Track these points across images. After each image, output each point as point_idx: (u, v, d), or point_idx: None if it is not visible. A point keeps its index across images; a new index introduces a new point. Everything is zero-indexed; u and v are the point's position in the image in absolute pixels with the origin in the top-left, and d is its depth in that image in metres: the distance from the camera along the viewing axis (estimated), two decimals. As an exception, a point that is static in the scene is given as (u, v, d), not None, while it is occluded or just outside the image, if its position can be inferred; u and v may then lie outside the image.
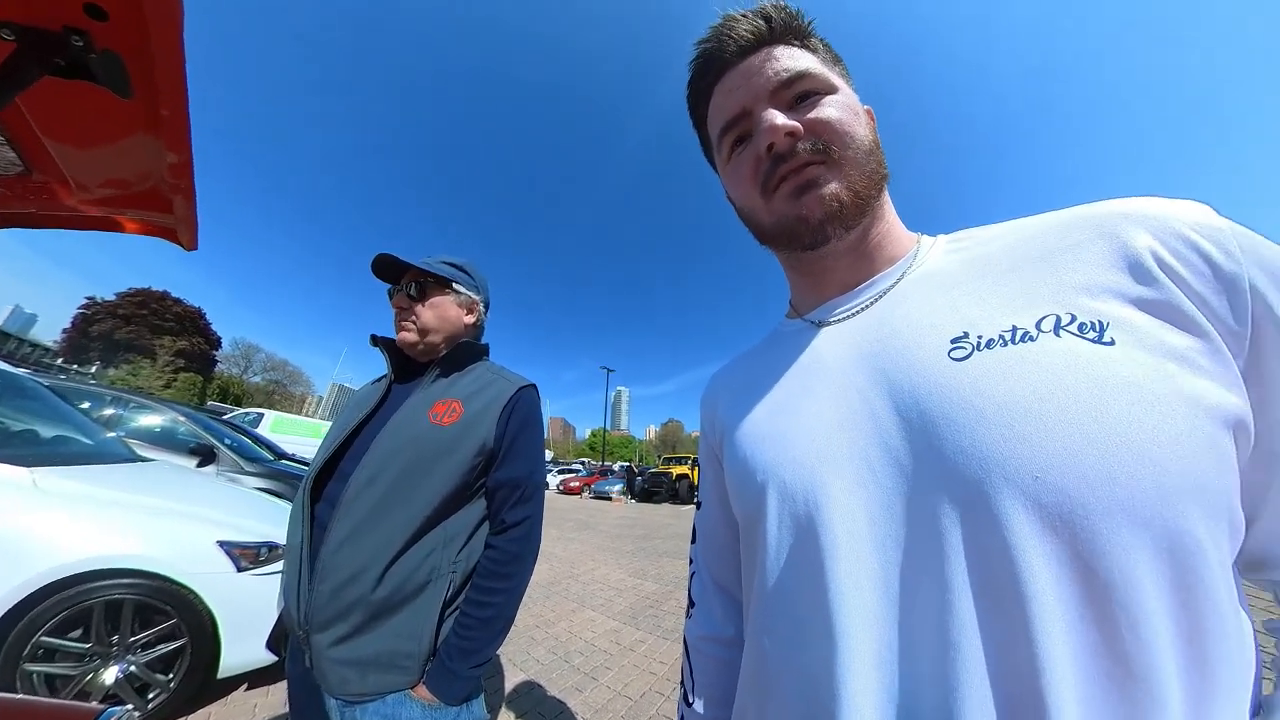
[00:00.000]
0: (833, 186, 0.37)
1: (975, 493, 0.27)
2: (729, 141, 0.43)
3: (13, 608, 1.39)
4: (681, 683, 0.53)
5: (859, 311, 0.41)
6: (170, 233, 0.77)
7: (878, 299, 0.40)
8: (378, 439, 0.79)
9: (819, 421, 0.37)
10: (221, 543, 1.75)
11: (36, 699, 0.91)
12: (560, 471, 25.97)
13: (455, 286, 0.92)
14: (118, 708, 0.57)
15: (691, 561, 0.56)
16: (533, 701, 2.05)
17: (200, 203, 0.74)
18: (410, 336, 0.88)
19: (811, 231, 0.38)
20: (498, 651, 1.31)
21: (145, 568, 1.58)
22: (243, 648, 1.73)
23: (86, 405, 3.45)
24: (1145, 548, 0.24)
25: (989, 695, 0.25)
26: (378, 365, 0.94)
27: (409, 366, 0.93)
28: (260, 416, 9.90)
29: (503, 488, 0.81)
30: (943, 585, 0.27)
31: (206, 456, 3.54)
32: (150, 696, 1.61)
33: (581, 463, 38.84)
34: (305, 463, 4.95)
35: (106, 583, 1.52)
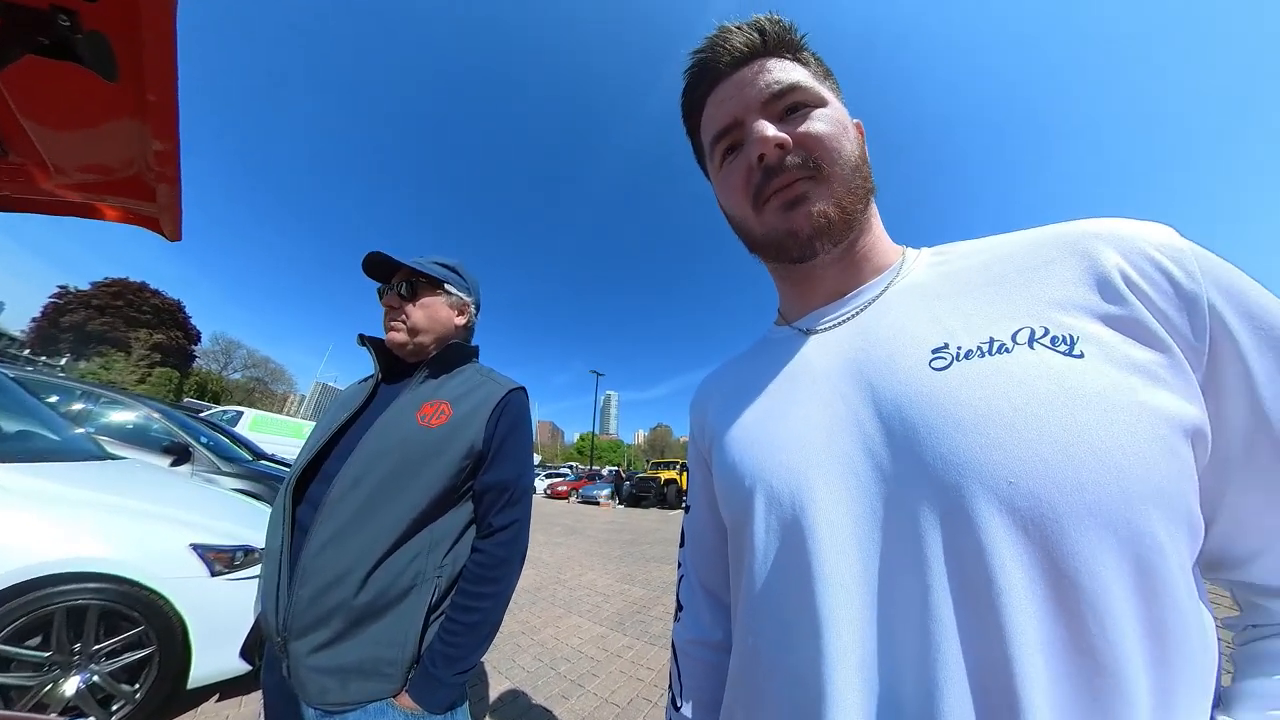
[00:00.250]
0: (821, 203, 0.38)
1: (953, 497, 0.28)
2: (721, 150, 0.44)
3: (-34, 613, 1.31)
4: (669, 687, 0.53)
5: (846, 320, 0.42)
6: (153, 222, 0.75)
7: (864, 309, 0.42)
8: (364, 440, 0.78)
9: (806, 428, 0.38)
10: (194, 546, 1.68)
11: None
12: (548, 475, 25.69)
13: (447, 287, 0.91)
14: None
15: (680, 565, 0.56)
16: (518, 710, 2.02)
17: (185, 192, 0.72)
18: (400, 336, 0.87)
19: (800, 246, 0.40)
20: (482, 659, 1.29)
21: (112, 571, 1.50)
22: (215, 656, 1.67)
23: (54, 399, 3.32)
24: (1111, 550, 0.25)
25: (966, 691, 0.26)
26: (364, 364, 0.93)
27: (397, 367, 0.92)
28: (239, 415, 9.63)
29: (490, 491, 0.80)
30: (923, 586, 0.28)
31: (181, 455, 3.41)
32: (114, 709, 1.53)
33: (570, 467, 38.51)
34: (285, 463, 4.82)
35: (69, 587, 1.44)
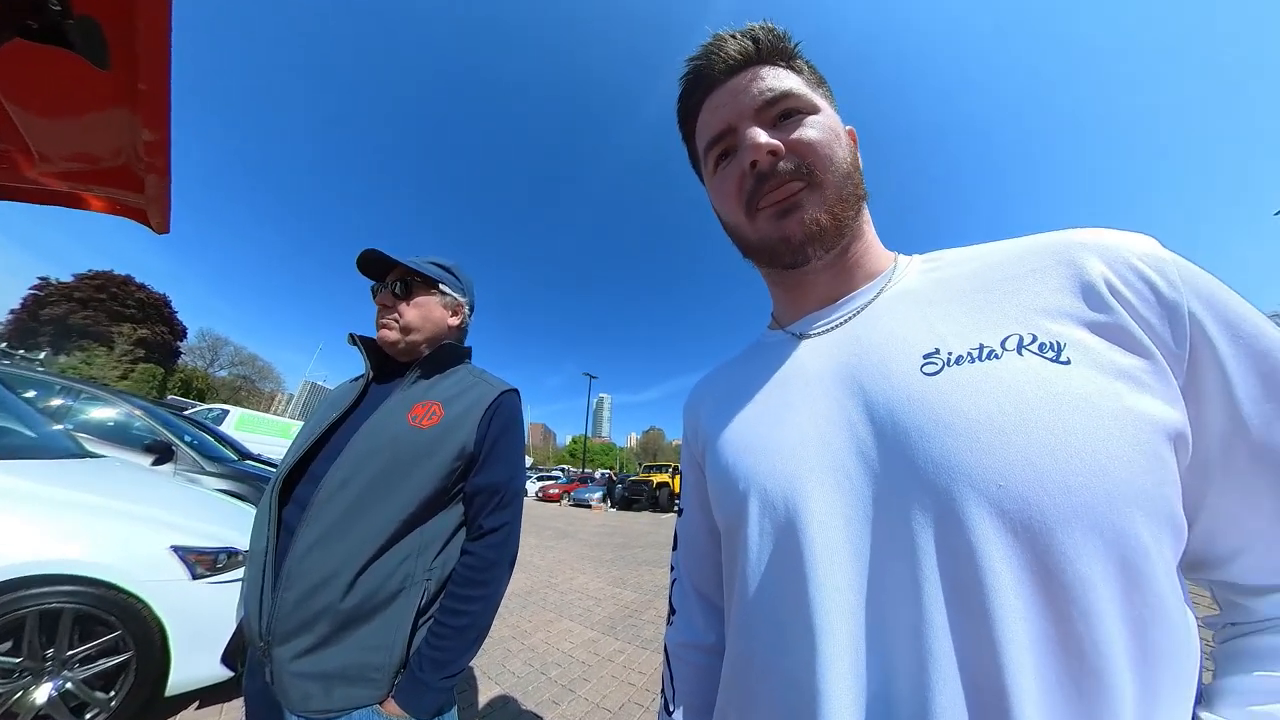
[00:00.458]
0: (814, 210, 0.39)
1: (944, 500, 0.29)
2: (715, 156, 0.44)
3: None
4: (662, 691, 0.53)
5: (838, 325, 0.42)
6: (140, 213, 0.73)
7: (856, 314, 0.42)
8: (353, 440, 0.76)
9: (799, 432, 0.38)
10: (175, 548, 1.64)
11: None
12: (540, 478, 25.51)
13: (442, 287, 0.90)
14: None
15: (673, 568, 0.56)
16: (508, 716, 1.99)
17: (173, 184, 0.70)
18: (392, 335, 0.86)
19: (793, 252, 0.40)
20: (471, 663, 1.27)
21: (88, 574, 1.46)
22: (195, 662, 1.62)
23: (31, 394, 3.21)
24: (1097, 550, 0.26)
25: (958, 690, 0.26)
26: (354, 364, 0.91)
27: (388, 366, 0.91)
28: (225, 413, 9.45)
29: (481, 493, 0.79)
30: (915, 587, 0.29)
31: (163, 454, 3.33)
32: (88, 717, 1.48)
33: (562, 469, 38.28)
34: (272, 463, 4.73)
35: (42, 590, 1.39)
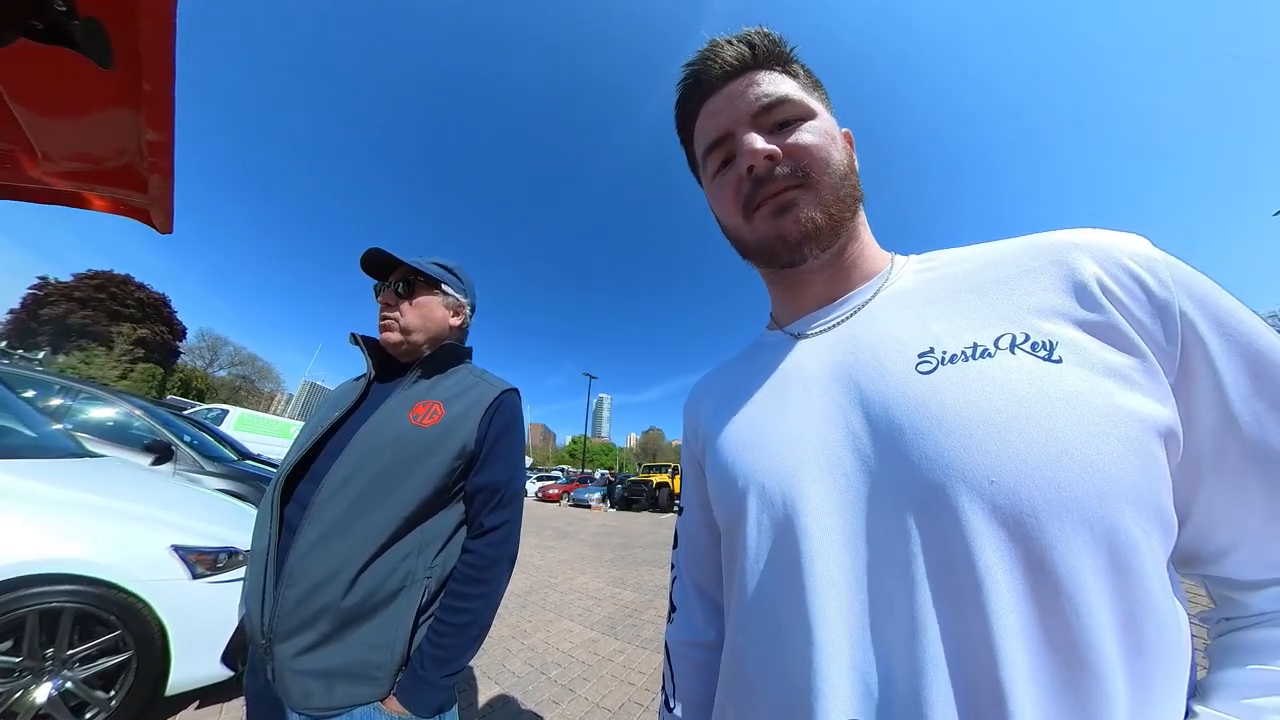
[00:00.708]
0: (809, 209, 0.39)
1: (938, 496, 0.29)
2: (713, 161, 0.45)
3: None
4: (663, 688, 0.53)
5: (835, 325, 0.43)
6: (143, 213, 0.73)
7: (853, 314, 0.43)
8: (355, 439, 0.76)
9: (797, 430, 0.38)
10: (176, 547, 1.64)
11: None
12: (539, 479, 25.49)
13: (444, 287, 0.91)
14: None
15: (673, 567, 0.57)
16: (508, 716, 1.99)
17: (175, 184, 0.71)
18: (393, 335, 0.86)
19: (789, 250, 0.41)
20: (471, 663, 1.27)
21: (88, 573, 1.45)
22: (195, 662, 1.62)
23: (31, 393, 3.21)
24: (1087, 545, 0.26)
25: (953, 681, 0.27)
26: (354, 364, 0.92)
27: (389, 366, 0.91)
28: (224, 413, 9.45)
29: (482, 492, 0.80)
30: (910, 582, 0.29)
31: (163, 454, 3.32)
32: (88, 716, 1.48)
33: (562, 470, 38.23)
34: (271, 463, 4.72)
35: (43, 589, 1.39)
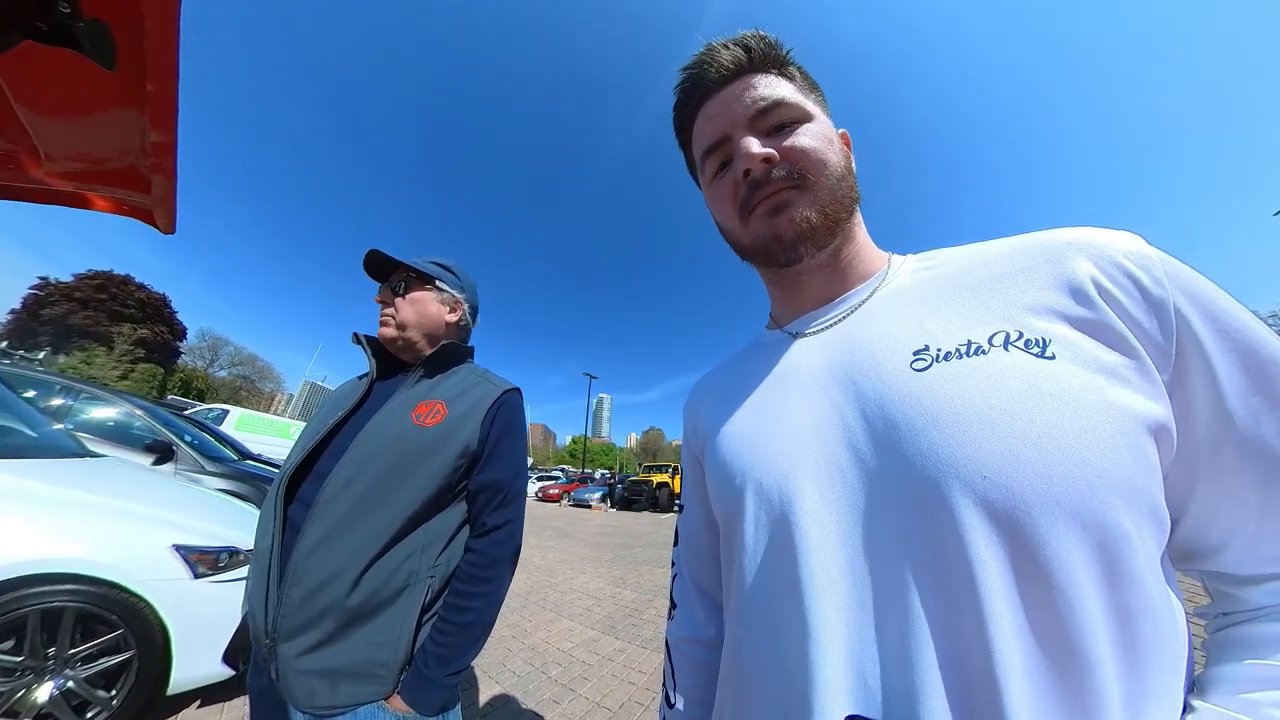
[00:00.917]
0: (804, 209, 0.40)
1: (932, 491, 0.30)
2: (711, 164, 0.45)
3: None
4: (663, 684, 0.54)
5: (833, 325, 0.43)
6: (146, 214, 0.73)
7: (850, 313, 0.43)
8: (358, 438, 0.77)
9: (794, 427, 0.39)
10: (177, 547, 1.64)
11: None
12: (539, 479, 25.49)
13: (438, 284, 0.92)
14: None
15: (674, 564, 0.57)
16: (509, 715, 1.99)
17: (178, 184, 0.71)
18: (389, 331, 0.87)
19: (785, 250, 0.41)
20: (472, 662, 1.27)
21: (90, 573, 1.46)
22: (197, 661, 1.62)
23: (32, 393, 3.21)
24: (1079, 538, 0.26)
25: (948, 675, 0.27)
26: (355, 364, 0.93)
27: (392, 366, 0.92)
28: (225, 413, 9.44)
29: (485, 491, 0.80)
30: (904, 576, 0.29)
31: (163, 454, 3.33)
32: (90, 715, 1.48)
33: (562, 470, 38.23)
34: (272, 463, 4.72)
35: (45, 589, 1.40)
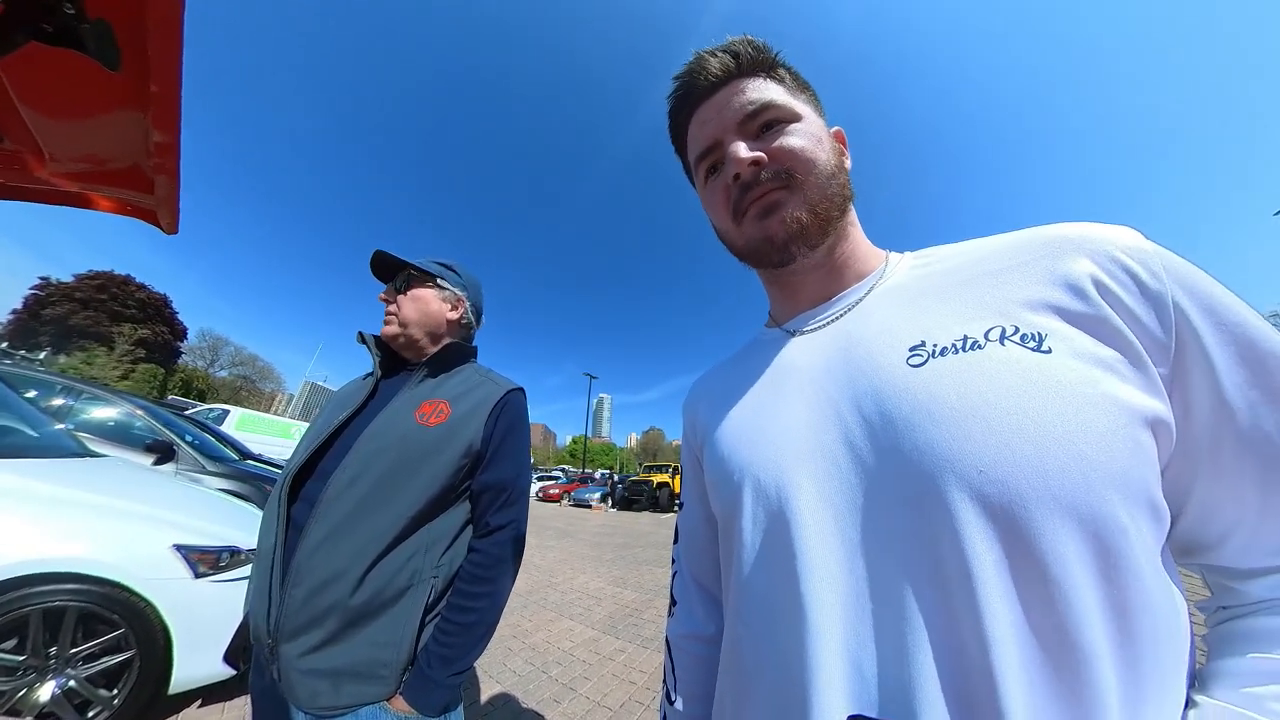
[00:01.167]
0: (794, 209, 0.40)
1: (928, 486, 0.30)
2: (704, 169, 0.46)
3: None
4: (664, 681, 0.54)
5: (830, 322, 0.44)
6: (149, 214, 0.74)
7: (847, 311, 0.43)
8: (361, 438, 0.77)
9: (792, 424, 0.39)
10: (178, 546, 1.64)
11: None
12: (540, 478, 25.47)
13: (439, 281, 0.92)
14: None
15: (674, 561, 0.58)
16: (510, 714, 1.99)
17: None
18: (391, 329, 0.88)
19: (777, 250, 0.42)
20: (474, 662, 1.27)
21: (91, 572, 1.46)
22: (198, 661, 1.62)
23: (33, 394, 3.22)
24: (1074, 532, 0.26)
25: (945, 670, 0.27)
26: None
27: (396, 365, 0.92)
28: (226, 413, 9.45)
29: (488, 490, 0.80)
30: (900, 570, 0.30)
31: (164, 454, 3.33)
32: (91, 714, 1.48)
33: (562, 470, 38.23)
34: (273, 463, 4.72)
35: (46, 588, 1.40)
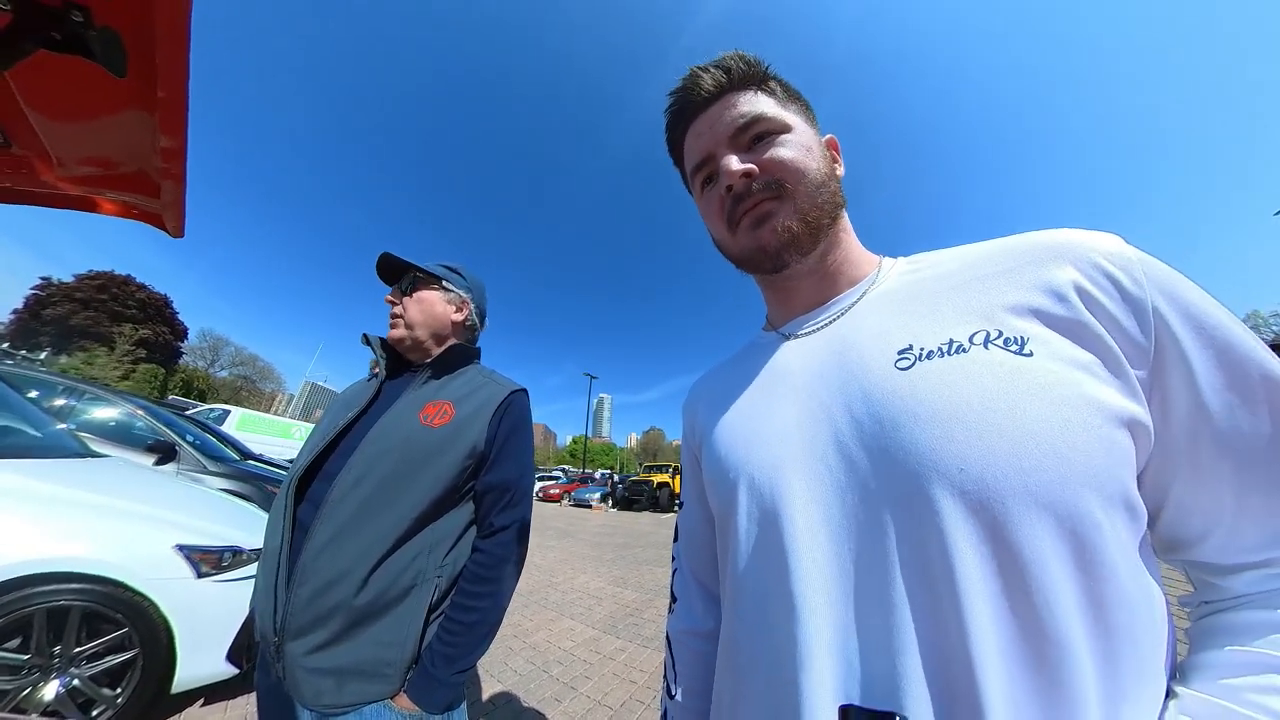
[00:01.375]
0: (785, 218, 0.42)
1: (913, 486, 0.31)
2: (700, 180, 0.48)
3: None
4: (664, 676, 0.55)
5: (824, 326, 0.45)
6: (155, 218, 0.74)
7: (841, 315, 0.45)
8: (366, 439, 0.78)
9: (785, 425, 0.41)
10: (180, 546, 1.65)
11: None
12: (540, 478, 25.46)
13: (444, 283, 0.93)
14: None
15: (674, 559, 0.59)
16: (511, 713, 2.00)
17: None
18: (398, 331, 0.89)
19: (770, 258, 0.44)
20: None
21: (94, 572, 1.47)
22: (200, 660, 1.63)
23: (35, 394, 3.22)
24: (1050, 527, 0.27)
25: (928, 663, 0.28)
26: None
27: (400, 366, 0.93)
28: (226, 413, 9.47)
29: (492, 491, 0.81)
30: (887, 566, 0.31)
31: (166, 454, 3.33)
32: (95, 713, 1.49)
33: (562, 470, 38.24)
34: (273, 463, 4.73)
35: (50, 588, 1.41)
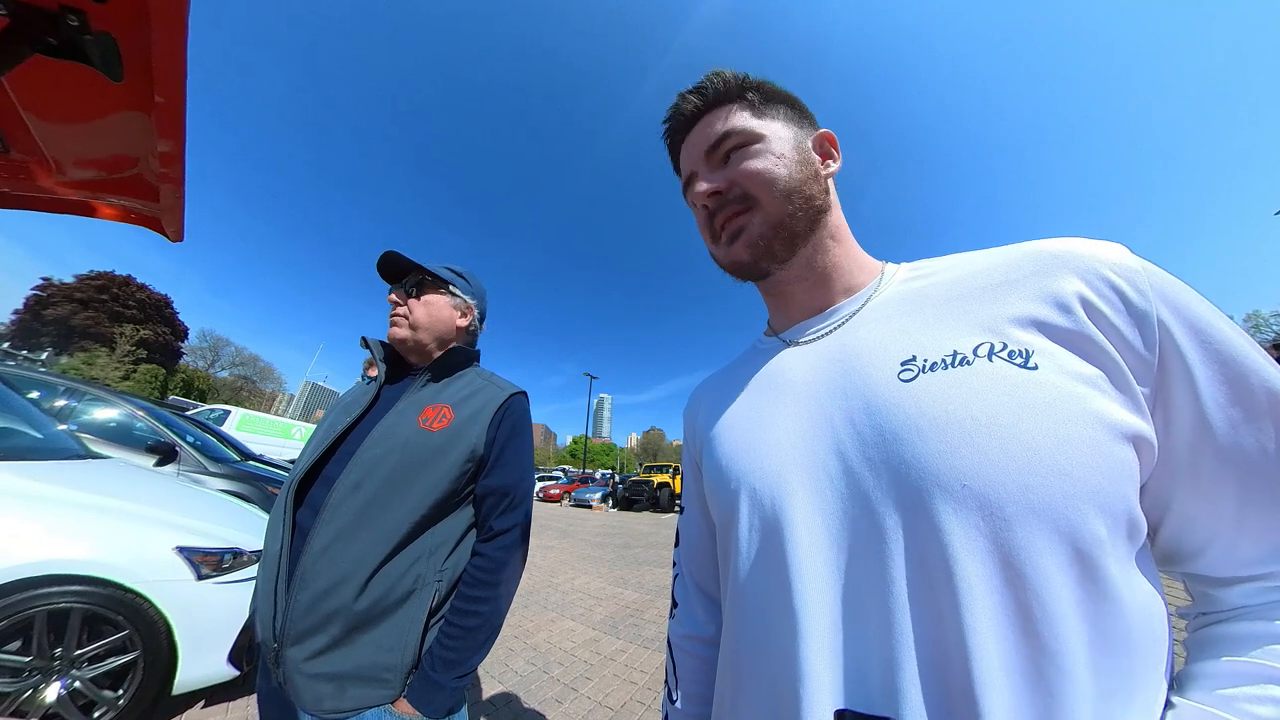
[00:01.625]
0: (755, 230, 0.43)
1: (915, 499, 0.31)
2: (688, 197, 0.50)
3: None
4: (665, 681, 0.55)
5: (826, 334, 0.45)
6: (154, 222, 0.74)
7: (843, 323, 0.44)
8: (365, 443, 0.77)
9: (786, 434, 0.40)
10: (181, 548, 1.65)
11: None
12: (540, 479, 25.49)
13: (452, 288, 0.92)
14: None
15: (675, 564, 0.59)
16: (511, 715, 2.00)
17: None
18: (401, 332, 0.88)
19: (748, 269, 0.45)
20: (477, 664, 1.28)
21: (95, 574, 1.47)
22: (201, 661, 1.63)
23: (35, 395, 3.23)
24: (1054, 544, 0.27)
25: (927, 675, 0.28)
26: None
27: (399, 369, 0.92)
28: (227, 414, 9.48)
29: (491, 495, 0.80)
30: (887, 578, 0.31)
31: (166, 455, 3.33)
32: (96, 715, 1.49)
33: (563, 470, 38.28)
34: (274, 464, 4.73)
35: (51, 590, 1.41)
